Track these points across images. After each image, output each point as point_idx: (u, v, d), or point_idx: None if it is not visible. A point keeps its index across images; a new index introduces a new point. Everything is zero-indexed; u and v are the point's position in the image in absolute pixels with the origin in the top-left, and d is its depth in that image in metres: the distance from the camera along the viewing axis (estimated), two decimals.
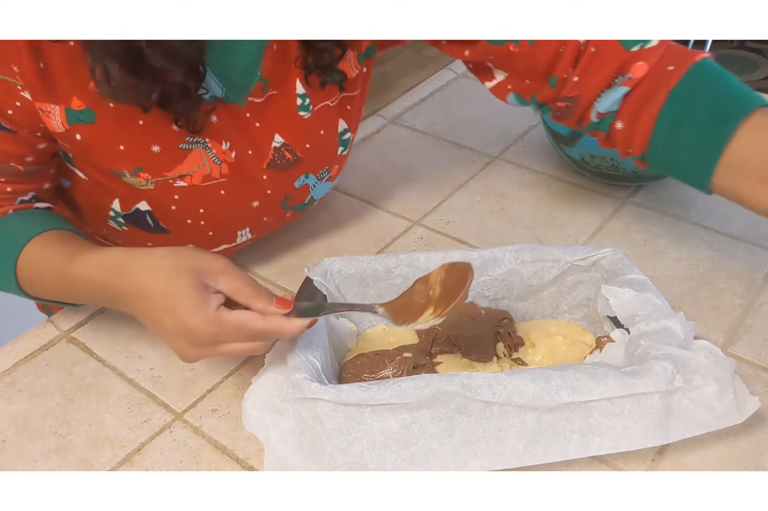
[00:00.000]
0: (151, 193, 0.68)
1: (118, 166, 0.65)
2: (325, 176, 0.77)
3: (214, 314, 0.53)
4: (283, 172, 0.72)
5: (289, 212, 0.78)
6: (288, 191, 0.75)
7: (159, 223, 0.71)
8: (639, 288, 0.63)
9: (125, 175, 0.65)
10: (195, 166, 0.67)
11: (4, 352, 0.71)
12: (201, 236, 0.73)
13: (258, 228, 0.77)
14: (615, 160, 0.84)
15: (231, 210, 0.72)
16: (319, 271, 0.66)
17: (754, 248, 0.80)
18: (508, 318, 0.69)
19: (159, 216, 0.70)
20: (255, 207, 0.73)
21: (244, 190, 0.71)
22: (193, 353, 0.56)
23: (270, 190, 0.73)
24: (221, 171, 0.68)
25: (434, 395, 0.53)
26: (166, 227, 0.71)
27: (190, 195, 0.68)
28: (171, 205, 0.69)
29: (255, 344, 0.56)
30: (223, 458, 0.61)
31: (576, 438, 0.55)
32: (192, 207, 0.69)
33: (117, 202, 0.69)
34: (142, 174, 0.65)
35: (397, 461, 0.54)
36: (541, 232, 0.84)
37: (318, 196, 0.79)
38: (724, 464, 0.58)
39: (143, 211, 0.69)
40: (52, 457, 0.61)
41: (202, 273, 0.54)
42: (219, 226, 0.73)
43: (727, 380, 0.56)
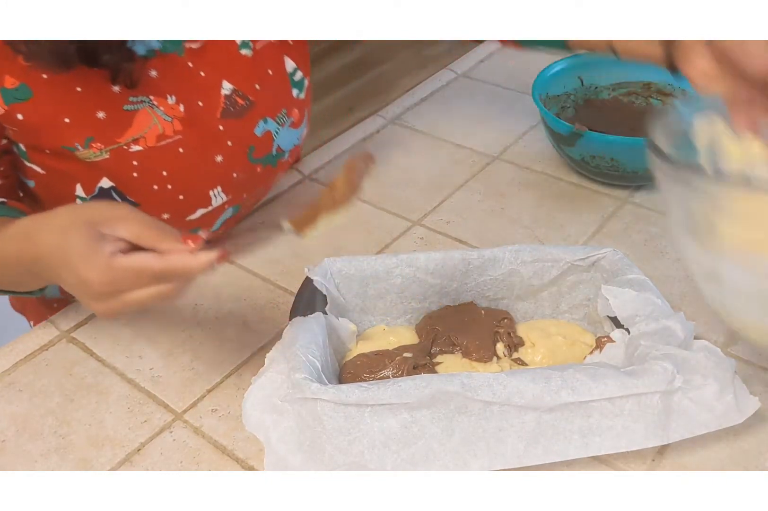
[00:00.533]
0: (109, 166, 0.65)
1: (67, 140, 0.63)
2: (285, 122, 0.74)
3: (106, 261, 0.48)
4: (239, 120, 0.70)
5: (259, 166, 0.75)
6: (250, 140, 0.72)
7: (126, 197, 0.68)
8: (639, 288, 0.63)
9: (78, 149, 0.64)
10: (146, 127, 0.65)
11: (4, 352, 0.71)
12: (172, 202, 0.70)
13: (231, 186, 0.73)
14: (615, 160, 0.84)
15: (195, 168, 0.70)
16: (319, 271, 0.66)
17: None
18: (508, 318, 0.69)
19: (124, 189, 0.68)
20: (220, 162, 0.71)
21: (203, 145, 0.69)
22: (99, 307, 0.51)
23: (230, 142, 0.71)
24: (174, 128, 0.67)
25: (434, 395, 0.53)
26: (134, 200, 0.69)
27: (148, 159, 0.66)
28: (132, 172, 0.66)
29: (161, 288, 0.50)
30: (223, 458, 0.61)
31: (576, 438, 0.55)
32: (154, 172, 0.67)
33: (79, 187, 0.67)
34: (94, 144, 0.64)
35: (397, 461, 0.54)
36: (541, 232, 0.84)
37: (285, 146, 0.76)
38: (724, 464, 0.58)
39: (107, 189, 0.67)
40: (52, 457, 0.61)
41: (97, 223, 0.50)
42: (188, 188, 0.70)
43: (727, 380, 0.56)
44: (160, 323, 0.73)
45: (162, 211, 0.70)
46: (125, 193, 0.68)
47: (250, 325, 0.73)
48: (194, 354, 0.70)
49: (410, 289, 0.68)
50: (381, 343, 0.68)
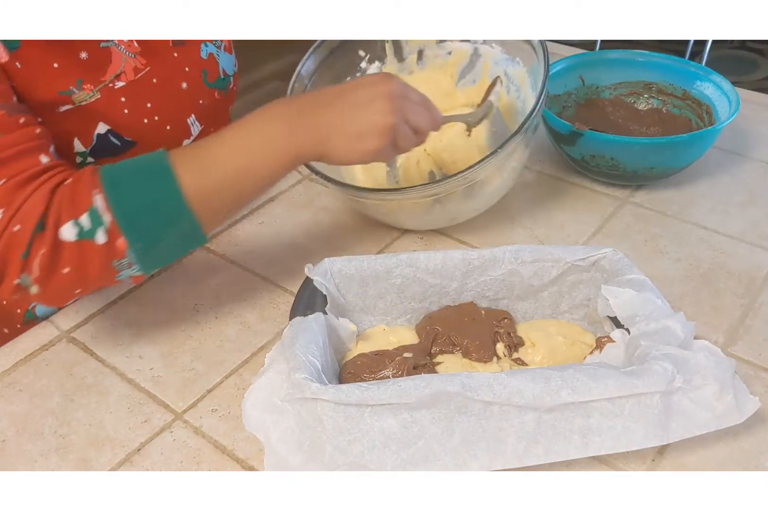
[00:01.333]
0: (102, 106, 0.68)
1: (62, 84, 0.66)
2: (220, 45, 0.81)
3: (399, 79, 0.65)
4: (185, 46, 0.76)
5: (216, 91, 0.80)
6: (201, 64, 0.78)
7: (123, 138, 0.71)
8: (639, 288, 0.63)
9: (73, 92, 0.66)
10: (120, 63, 0.69)
11: (4, 352, 0.71)
12: (162, 135, 0.74)
13: (201, 114, 0.79)
14: (615, 160, 0.84)
15: (170, 97, 0.74)
16: (319, 271, 0.66)
17: (754, 248, 0.80)
18: (508, 318, 0.69)
19: (119, 130, 0.71)
20: (186, 89, 0.76)
21: (168, 73, 0.74)
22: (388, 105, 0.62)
23: (187, 68, 0.76)
24: (140, 62, 0.71)
25: (434, 395, 0.53)
26: (131, 139, 0.72)
27: (133, 93, 0.70)
28: (123, 109, 0.70)
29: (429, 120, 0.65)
30: (223, 458, 0.61)
31: (576, 438, 0.55)
32: (140, 105, 0.71)
33: (77, 141, 0.69)
34: (85, 86, 0.67)
35: (397, 461, 0.54)
36: (541, 232, 0.84)
37: (228, 69, 0.82)
38: (724, 464, 0.58)
39: (104, 134, 0.70)
40: (52, 457, 0.61)
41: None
42: (170, 117, 0.74)
43: (727, 380, 0.56)
44: (160, 323, 0.74)
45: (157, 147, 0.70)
46: (121, 134, 0.71)
47: (250, 325, 0.73)
48: (194, 354, 0.70)
49: (410, 289, 0.68)
50: (381, 343, 0.68)
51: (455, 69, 0.88)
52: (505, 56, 0.85)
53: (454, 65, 0.88)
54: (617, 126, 0.96)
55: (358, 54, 0.88)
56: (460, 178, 0.71)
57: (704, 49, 1.67)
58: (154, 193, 0.59)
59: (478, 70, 0.87)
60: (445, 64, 0.88)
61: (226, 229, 0.86)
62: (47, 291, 0.59)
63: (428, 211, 0.78)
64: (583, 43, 1.30)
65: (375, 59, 0.89)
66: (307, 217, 0.88)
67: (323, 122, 0.62)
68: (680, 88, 0.93)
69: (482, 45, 0.86)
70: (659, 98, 0.96)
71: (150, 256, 0.60)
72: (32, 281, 0.57)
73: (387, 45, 0.88)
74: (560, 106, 0.95)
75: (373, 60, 0.89)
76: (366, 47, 0.88)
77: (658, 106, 0.96)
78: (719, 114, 0.88)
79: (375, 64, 0.89)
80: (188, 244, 0.64)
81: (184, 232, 0.60)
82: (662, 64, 0.95)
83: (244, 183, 0.61)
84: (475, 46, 0.86)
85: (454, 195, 0.75)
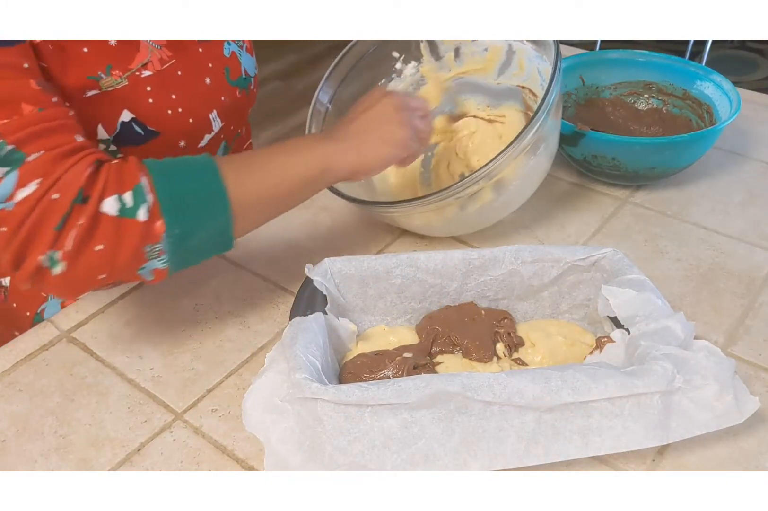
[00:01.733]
0: (128, 94, 0.69)
1: (91, 69, 0.66)
2: (242, 44, 0.83)
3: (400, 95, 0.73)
4: (209, 42, 0.77)
5: (237, 90, 0.81)
6: (224, 61, 0.79)
7: (147, 127, 0.72)
8: (639, 288, 0.63)
9: (102, 77, 0.67)
10: (147, 53, 0.70)
11: (4, 352, 0.71)
12: (185, 127, 0.75)
13: (222, 110, 0.79)
14: (617, 160, 0.84)
15: (194, 90, 0.75)
16: (319, 271, 0.66)
17: (754, 248, 0.80)
18: (509, 318, 0.69)
19: (143, 119, 0.71)
20: (209, 84, 0.77)
21: (193, 67, 0.75)
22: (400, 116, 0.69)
23: (211, 63, 0.77)
24: (166, 54, 0.72)
25: (434, 395, 0.53)
26: (154, 129, 0.72)
27: (158, 83, 0.71)
28: (147, 98, 0.71)
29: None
30: (223, 458, 0.61)
31: (576, 438, 0.55)
32: (165, 95, 0.72)
33: (100, 128, 0.69)
34: (114, 72, 0.68)
35: (397, 461, 0.54)
36: (541, 232, 0.84)
37: (249, 70, 0.83)
38: (724, 464, 0.58)
39: (128, 122, 0.70)
40: (52, 457, 0.61)
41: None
42: (193, 111, 0.75)
43: (727, 380, 0.56)
44: (160, 323, 0.74)
45: (179, 139, 0.75)
46: (145, 122, 0.72)
47: (250, 325, 0.73)
48: (194, 354, 0.70)
49: (410, 289, 0.68)
50: (381, 343, 0.68)
51: (493, 65, 0.88)
52: (536, 53, 0.84)
53: (492, 61, 0.88)
54: (617, 126, 0.96)
55: (392, 55, 0.88)
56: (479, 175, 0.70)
57: (704, 49, 1.67)
58: (198, 182, 0.60)
59: (514, 67, 0.87)
60: (483, 60, 0.88)
61: None
62: (71, 272, 0.57)
63: (455, 215, 0.78)
64: (583, 43, 1.30)
65: (411, 59, 0.89)
66: (307, 217, 0.88)
67: (346, 135, 0.68)
68: (680, 88, 0.93)
69: (515, 42, 0.85)
70: (659, 98, 0.96)
71: (181, 248, 0.60)
72: (60, 257, 0.56)
73: (422, 45, 0.88)
74: None
75: (408, 60, 0.89)
76: (399, 48, 0.88)
77: (659, 106, 0.96)
78: (719, 114, 0.88)
79: (411, 64, 0.89)
80: (217, 245, 0.64)
81: (218, 229, 0.61)
82: (662, 64, 0.95)
83: (279, 186, 0.64)
84: (508, 42, 0.86)
85: (481, 195, 0.75)
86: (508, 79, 0.88)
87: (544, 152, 0.76)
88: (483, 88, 0.90)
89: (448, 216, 0.77)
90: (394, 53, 0.88)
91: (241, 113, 0.85)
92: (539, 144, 0.74)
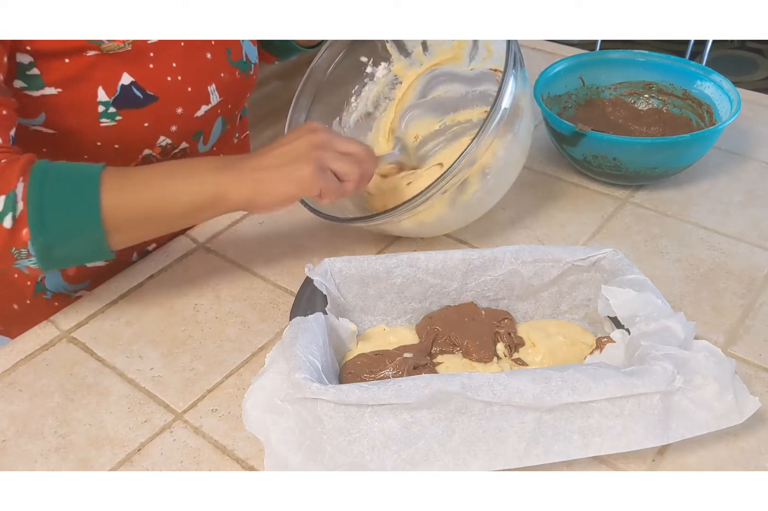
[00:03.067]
0: (130, 58, 0.70)
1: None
2: None
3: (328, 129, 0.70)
4: None
5: (237, 71, 0.81)
6: (226, 42, 0.79)
7: (146, 92, 0.73)
8: (639, 288, 0.63)
9: (103, 42, 0.67)
10: None
11: (4, 352, 0.71)
12: (183, 95, 0.75)
13: (221, 86, 0.80)
14: (617, 160, 0.84)
15: (195, 61, 0.76)
16: (319, 271, 0.66)
17: (754, 248, 0.80)
18: (509, 318, 0.69)
19: (143, 83, 0.72)
20: (210, 59, 0.78)
21: (195, 41, 0.76)
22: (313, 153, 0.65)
23: (213, 41, 0.77)
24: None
25: (434, 395, 0.53)
26: (154, 93, 0.73)
27: (161, 50, 0.72)
28: (149, 64, 0.72)
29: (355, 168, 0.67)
30: (224, 458, 0.61)
31: (576, 439, 0.55)
32: (166, 62, 0.73)
33: (101, 90, 0.70)
34: (118, 38, 0.68)
35: (397, 461, 0.54)
36: (541, 232, 0.84)
37: (251, 55, 0.84)
38: (724, 464, 0.58)
39: (128, 86, 0.71)
40: (52, 457, 0.61)
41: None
42: (193, 80, 0.76)
43: (727, 380, 0.56)
44: (160, 323, 0.74)
45: (177, 105, 0.75)
46: (144, 87, 0.72)
47: (250, 325, 0.73)
48: (194, 354, 0.70)
49: (410, 289, 0.68)
50: (381, 343, 0.68)
51: (462, 52, 0.88)
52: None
53: (460, 48, 0.88)
54: (618, 126, 0.96)
55: (360, 60, 0.88)
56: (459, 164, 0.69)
57: (704, 49, 1.67)
58: (74, 195, 0.60)
59: (483, 51, 0.87)
60: (451, 48, 0.88)
61: (226, 229, 0.86)
62: None
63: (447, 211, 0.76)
64: (583, 43, 1.30)
65: (380, 61, 0.89)
66: (307, 218, 0.87)
67: (249, 167, 0.65)
68: (680, 87, 0.93)
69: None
70: (659, 98, 0.96)
71: (50, 255, 0.61)
72: None
73: (388, 45, 0.88)
74: (560, 106, 0.95)
75: (378, 62, 0.89)
76: (367, 52, 0.88)
77: (659, 106, 0.96)
78: (720, 114, 0.88)
79: (381, 66, 0.89)
80: (92, 255, 0.65)
81: (90, 243, 0.62)
82: (662, 64, 0.95)
83: (164, 209, 0.63)
84: None
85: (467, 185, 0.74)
86: (480, 63, 0.88)
87: (521, 129, 0.75)
88: (458, 77, 0.90)
89: (439, 213, 0.76)
90: (362, 58, 0.88)
91: (240, 94, 0.86)
92: (513, 121, 0.73)
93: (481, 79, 0.89)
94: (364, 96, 0.89)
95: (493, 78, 0.88)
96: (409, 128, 0.91)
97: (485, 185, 0.75)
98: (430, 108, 0.92)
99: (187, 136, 0.79)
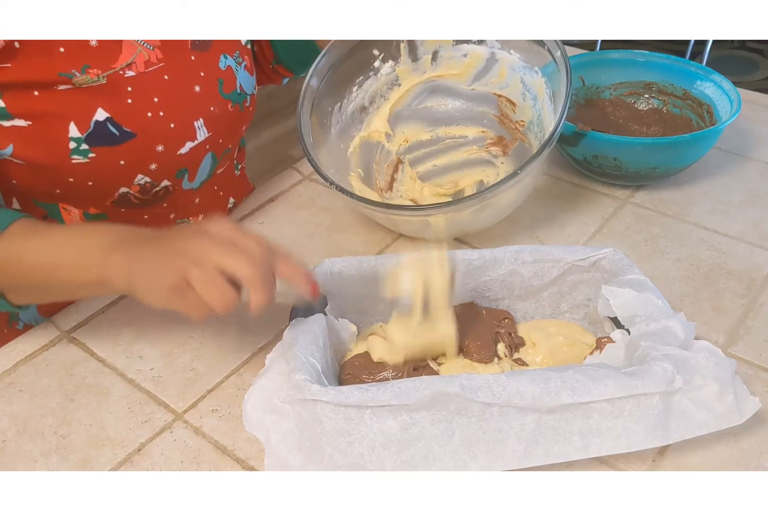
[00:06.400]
0: (105, 92, 0.68)
1: (64, 67, 0.65)
2: (241, 62, 0.81)
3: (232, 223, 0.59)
4: (205, 52, 0.76)
5: (229, 103, 0.79)
6: (218, 73, 0.78)
7: (123, 128, 0.70)
8: (639, 288, 0.63)
9: (75, 75, 0.65)
10: (133, 53, 0.69)
11: (4, 352, 0.71)
12: (165, 132, 0.72)
13: (210, 121, 0.77)
14: (618, 160, 0.84)
15: (180, 95, 0.74)
16: (319, 271, 0.66)
17: (754, 248, 0.80)
18: (509, 318, 0.69)
19: (120, 118, 0.69)
20: (198, 92, 0.75)
21: (183, 73, 0.74)
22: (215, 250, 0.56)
23: (203, 73, 0.76)
24: (156, 56, 0.71)
25: (434, 396, 0.53)
26: (131, 130, 0.70)
27: (141, 84, 0.70)
28: (127, 99, 0.69)
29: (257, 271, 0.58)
30: (224, 458, 0.61)
31: (576, 439, 0.55)
32: (146, 97, 0.70)
33: (73, 126, 0.68)
34: (91, 70, 0.66)
35: (397, 462, 0.54)
36: (541, 232, 0.84)
37: (246, 87, 0.81)
38: (725, 464, 0.58)
39: (102, 122, 0.69)
40: (52, 457, 0.61)
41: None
42: (176, 116, 0.73)
43: (727, 380, 0.56)
44: (160, 323, 0.73)
45: (157, 143, 0.72)
46: (121, 123, 0.69)
47: (250, 325, 0.73)
48: (194, 354, 0.70)
49: None
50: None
51: (470, 71, 0.87)
52: (522, 64, 0.83)
53: (470, 67, 0.87)
54: (618, 126, 0.96)
55: (372, 53, 0.88)
56: (473, 200, 0.71)
57: (705, 49, 1.67)
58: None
59: (493, 75, 0.87)
60: (460, 65, 0.88)
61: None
62: None
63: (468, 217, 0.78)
64: (583, 43, 1.30)
65: (389, 59, 0.88)
66: (308, 218, 0.88)
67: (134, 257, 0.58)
68: (680, 87, 0.93)
69: (500, 50, 0.84)
70: (660, 98, 0.96)
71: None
72: None
73: (402, 45, 0.87)
74: None
75: (386, 59, 0.88)
76: (381, 46, 0.87)
77: (659, 106, 0.96)
78: (720, 113, 0.88)
79: (388, 63, 0.89)
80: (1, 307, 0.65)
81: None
82: (662, 64, 0.95)
83: (47, 277, 0.61)
84: (492, 50, 0.85)
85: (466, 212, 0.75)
86: (484, 85, 0.88)
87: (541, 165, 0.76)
88: (455, 93, 0.90)
89: (460, 219, 0.76)
90: (374, 51, 0.88)
91: (233, 128, 0.83)
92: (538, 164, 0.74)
93: (480, 100, 0.89)
94: (365, 89, 0.89)
95: (494, 102, 0.88)
96: (399, 130, 0.92)
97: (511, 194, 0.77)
98: (421, 116, 0.92)
99: (169, 174, 0.75)
